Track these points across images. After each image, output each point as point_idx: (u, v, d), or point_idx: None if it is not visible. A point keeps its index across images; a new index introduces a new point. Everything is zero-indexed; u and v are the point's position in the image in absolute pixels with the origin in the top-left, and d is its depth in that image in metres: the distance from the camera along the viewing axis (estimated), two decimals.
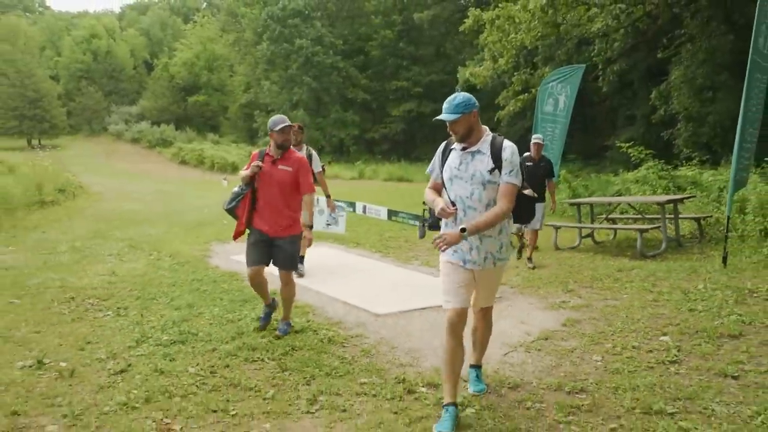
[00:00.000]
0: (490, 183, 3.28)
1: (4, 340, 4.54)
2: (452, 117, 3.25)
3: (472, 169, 3.31)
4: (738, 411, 3.25)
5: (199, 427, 3.17)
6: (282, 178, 4.70)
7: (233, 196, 4.78)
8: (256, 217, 4.77)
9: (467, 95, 3.32)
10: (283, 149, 4.72)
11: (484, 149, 3.32)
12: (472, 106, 3.28)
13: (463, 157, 3.36)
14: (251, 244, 4.76)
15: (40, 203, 13.85)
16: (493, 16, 15.32)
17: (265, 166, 4.70)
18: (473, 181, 3.30)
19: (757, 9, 6.67)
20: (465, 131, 3.30)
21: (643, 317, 5.16)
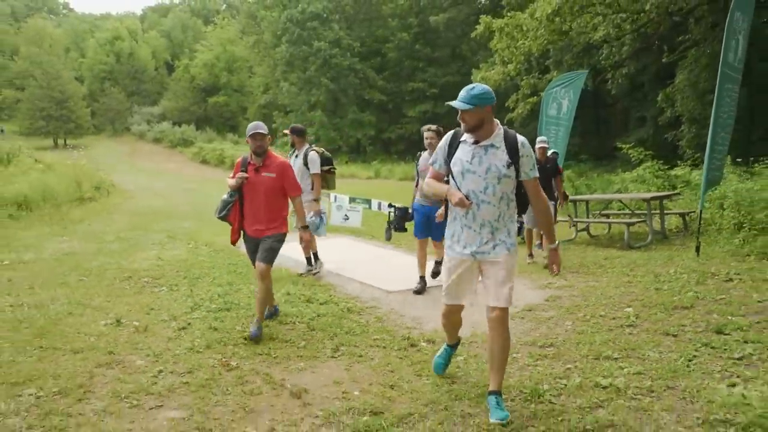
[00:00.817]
0: (506, 177, 3.28)
1: (84, 306, 5.57)
2: (466, 107, 3.21)
3: (487, 163, 3.28)
4: (667, 356, 4.16)
5: (250, 363, 4.15)
6: (266, 185, 4.81)
7: (223, 204, 4.90)
8: (245, 222, 4.94)
9: (486, 88, 3.28)
10: (259, 155, 4.81)
11: (497, 143, 3.29)
12: (488, 100, 3.23)
13: (476, 151, 3.31)
14: (249, 250, 5.02)
15: (80, 199, 14.99)
16: (502, 24, 16.17)
17: (250, 174, 4.81)
18: (488, 175, 3.27)
19: (726, 27, 7.50)
20: (475, 123, 3.26)
21: (615, 294, 6.07)
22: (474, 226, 3.37)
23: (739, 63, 7.95)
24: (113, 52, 69.48)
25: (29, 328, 4.81)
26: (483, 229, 3.35)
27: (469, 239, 3.38)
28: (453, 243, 3.49)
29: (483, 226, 3.35)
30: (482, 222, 3.34)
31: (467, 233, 3.40)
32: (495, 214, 3.33)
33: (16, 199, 11.72)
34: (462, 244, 3.41)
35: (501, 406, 3.31)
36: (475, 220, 3.35)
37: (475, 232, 3.37)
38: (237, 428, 3.17)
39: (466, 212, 3.35)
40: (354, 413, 3.38)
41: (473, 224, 3.37)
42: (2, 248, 8.38)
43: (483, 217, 3.33)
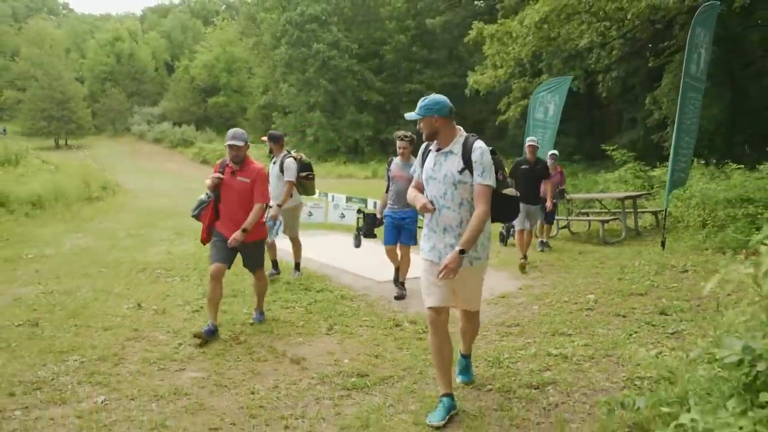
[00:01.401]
0: (461, 183, 3.38)
1: (107, 293, 6.27)
2: (414, 117, 3.46)
3: (444, 169, 3.41)
4: (613, 333, 4.86)
5: (256, 339, 4.85)
6: (240, 189, 4.94)
7: (199, 203, 5.08)
8: (218, 222, 5.04)
9: (438, 99, 3.42)
10: (237, 163, 4.98)
11: (455, 150, 3.41)
12: (434, 111, 3.37)
13: (437, 158, 3.47)
14: (214, 245, 5.02)
15: (89, 199, 15.67)
16: (492, 31, 16.87)
17: (226, 177, 4.97)
18: (445, 181, 3.40)
19: (688, 41, 8.20)
20: (428, 132, 3.44)
21: (582, 283, 6.77)
22: (438, 230, 3.48)
23: (702, 74, 8.65)
24: (114, 52, 69.92)
25: (62, 311, 5.51)
26: (446, 234, 3.44)
27: (436, 242, 3.49)
28: (423, 243, 3.61)
29: (446, 231, 3.44)
30: (445, 227, 3.45)
31: (434, 237, 3.51)
32: (456, 219, 3.42)
33: (30, 198, 12.39)
34: (430, 245, 3.53)
35: (469, 370, 3.90)
36: (438, 224, 3.47)
37: (439, 236, 3.46)
38: (247, 385, 3.87)
39: (431, 217, 3.49)
40: (343, 375, 4.08)
41: (437, 228, 3.48)
42: (25, 243, 9.06)
43: (444, 221, 3.44)
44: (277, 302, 6.06)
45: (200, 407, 3.50)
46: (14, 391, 3.62)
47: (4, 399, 3.51)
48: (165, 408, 3.47)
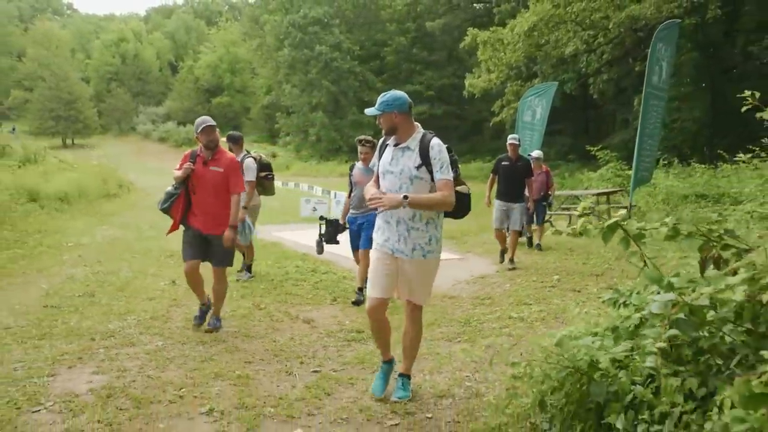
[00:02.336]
0: (417, 178, 3.45)
1: (144, 273, 7.37)
2: (373, 112, 3.54)
3: (401, 164, 3.48)
4: (566, 302, 5.94)
5: (274, 306, 5.94)
6: (213, 179, 4.82)
7: (167, 196, 4.93)
8: (190, 215, 4.94)
9: (397, 95, 3.52)
10: (210, 149, 4.84)
11: (412, 146, 3.48)
12: (393, 107, 3.46)
13: (395, 153, 3.54)
14: (186, 242, 4.98)
15: (107, 196, 16.79)
16: (485, 37, 17.95)
17: (197, 167, 4.82)
18: (402, 176, 3.47)
19: (649, 56, 9.28)
20: (387, 127, 3.53)
21: (551, 267, 7.87)
22: (392, 222, 3.53)
23: (663, 83, 9.72)
24: (119, 53, 71.06)
25: (111, 286, 6.61)
26: (399, 227, 3.49)
27: (389, 233, 3.55)
28: (376, 235, 3.66)
29: (399, 223, 3.50)
30: (398, 219, 3.50)
31: (386, 228, 3.57)
32: (409, 213, 3.46)
33: (57, 194, 13.49)
34: (383, 237, 3.57)
35: (406, 387, 3.68)
36: (392, 217, 3.51)
37: (393, 227, 3.52)
38: (270, 337, 4.96)
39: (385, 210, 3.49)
40: (345, 332, 5.17)
41: (391, 220, 3.54)
42: (61, 234, 10.15)
43: (397, 215, 3.49)
44: (289, 281, 7.14)
45: (236, 349, 4.59)
46: (94, 338, 4.71)
47: (88, 342, 4.60)
48: (209, 349, 4.57)
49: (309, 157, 43.24)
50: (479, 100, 31.34)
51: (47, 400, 3.51)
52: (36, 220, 11.05)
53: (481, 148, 36.36)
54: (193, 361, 4.31)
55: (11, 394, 3.56)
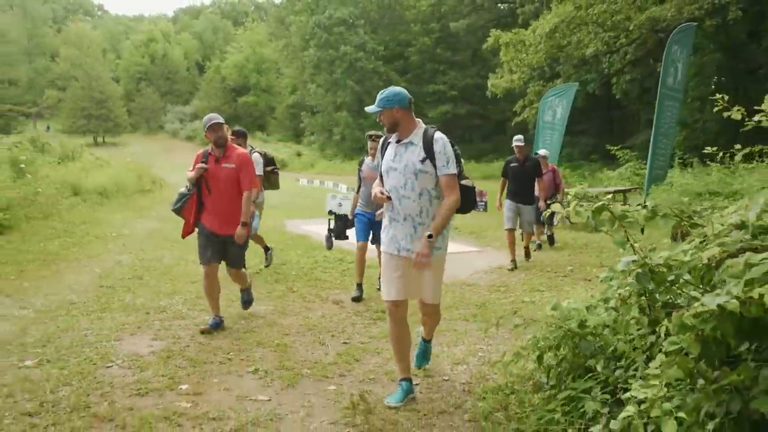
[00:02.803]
0: (422, 172, 3.44)
1: (185, 260, 7.99)
2: (374, 109, 3.51)
3: (405, 160, 3.47)
4: (576, 289, 6.37)
5: (306, 289, 6.48)
6: (226, 176, 4.74)
7: (179, 197, 4.86)
8: (205, 215, 4.84)
9: (397, 91, 3.50)
10: (220, 146, 4.75)
11: (416, 141, 3.48)
12: (394, 102, 3.44)
13: (398, 149, 3.53)
14: (203, 244, 4.87)
15: (142, 191, 17.54)
16: (507, 39, 18.33)
17: (210, 165, 4.74)
18: (406, 171, 3.45)
19: (664, 57, 9.62)
20: (389, 124, 3.51)
21: (564, 261, 8.29)
22: (399, 219, 3.52)
23: (678, 85, 10.05)
24: (148, 53, 72.67)
25: (156, 270, 7.22)
26: (406, 223, 3.49)
27: (396, 232, 3.53)
28: (383, 235, 3.66)
29: (406, 220, 3.49)
30: (405, 216, 3.49)
31: (394, 226, 3.56)
32: (416, 209, 3.47)
33: (97, 189, 14.23)
34: (389, 236, 3.56)
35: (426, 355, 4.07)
36: (399, 213, 3.51)
37: (399, 225, 3.52)
38: (303, 314, 5.50)
39: (392, 206, 3.53)
40: (371, 312, 5.68)
41: (398, 217, 3.53)
42: (104, 225, 10.83)
43: (405, 211, 3.49)
44: (318, 268, 7.68)
45: (274, 323, 5.14)
46: (148, 312, 5.31)
47: (143, 315, 5.19)
48: (250, 323, 5.12)
49: (333, 155, 43.87)
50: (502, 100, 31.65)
51: (117, 358, 4.09)
52: (80, 212, 11.76)
53: (504, 148, 36.58)
54: (237, 332, 4.86)
55: (86, 353, 4.16)
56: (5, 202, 9.05)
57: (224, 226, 4.81)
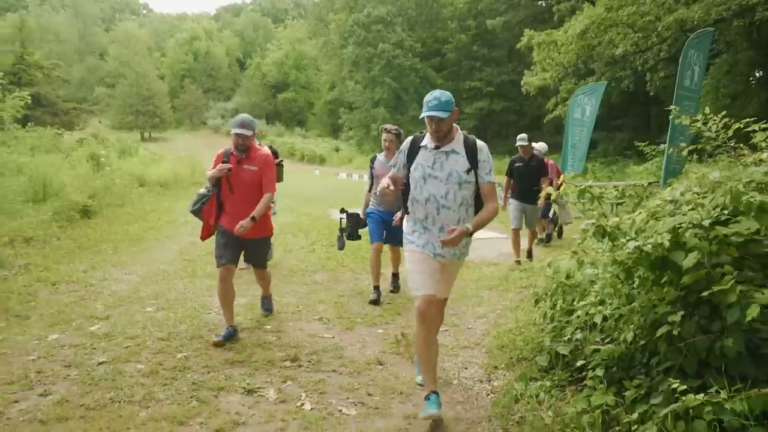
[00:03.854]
0: (466, 183, 3.36)
1: None
2: (444, 115, 3.27)
3: (448, 168, 3.35)
4: None
5: (354, 264, 7.59)
6: (248, 179, 4.56)
7: (198, 197, 4.66)
8: (224, 217, 4.64)
9: (447, 93, 3.35)
10: (242, 151, 4.57)
11: (458, 149, 3.38)
12: (454, 104, 3.33)
13: (437, 156, 3.38)
14: (221, 245, 4.61)
15: (195, 183, 18.95)
16: (540, 40, 19.14)
17: (231, 166, 4.55)
18: (449, 181, 3.34)
19: (681, 61, 10.41)
20: (448, 129, 3.36)
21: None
22: (434, 229, 3.42)
23: (695, 86, 10.82)
24: (191, 51, 74.91)
25: None
26: (441, 233, 3.38)
27: (428, 237, 3.43)
28: (414, 238, 3.50)
29: (441, 229, 3.39)
30: (441, 226, 3.40)
31: (428, 235, 3.45)
32: (454, 219, 3.39)
33: (159, 180, 15.65)
34: (422, 240, 3.45)
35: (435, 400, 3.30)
36: (435, 223, 3.41)
37: (434, 233, 3.42)
38: (352, 282, 6.62)
39: (426, 216, 3.41)
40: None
41: (433, 228, 3.43)
42: (171, 212, 12.16)
43: (443, 221, 3.39)
44: (362, 249, 8.77)
45: (330, 288, 6.30)
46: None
47: None
48: (311, 287, 6.29)
49: (370, 151, 44.96)
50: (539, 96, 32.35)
51: (213, 308, 5.28)
52: (148, 201, 13.14)
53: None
54: (301, 293, 6.03)
55: (189, 304, 5.38)
56: (91, 191, 10.40)
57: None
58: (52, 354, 4.08)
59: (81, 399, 3.38)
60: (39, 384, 3.59)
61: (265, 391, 3.63)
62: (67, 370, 3.80)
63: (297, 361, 4.12)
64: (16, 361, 3.95)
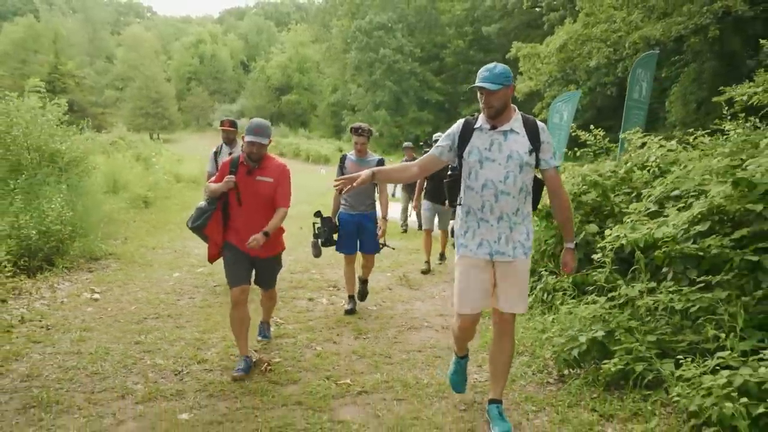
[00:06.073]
0: (527, 165, 3.06)
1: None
2: (494, 87, 2.98)
3: (507, 150, 3.05)
4: None
5: None
6: (260, 191, 4.06)
7: (199, 212, 4.11)
8: (231, 233, 4.14)
9: (507, 67, 3.06)
10: (254, 160, 4.04)
11: (517, 128, 3.08)
12: (511, 79, 3.05)
13: (494, 137, 3.08)
14: (231, 263, 4.13)
15: None
16: (525, 52, 21.48)
17: (240, 177, 4.04)
18: (509, 163, 3.04)
19: (629, 78, 12.68)
20: (501, 106, 3.04)
21: None
22: (491, 219, 3.11)
23: (644, 99, 13.10)
24: (197, 54, 76.98)
25: None
26: (501, 223, 3.10)
27: (486, 235, 3.13)
28: (466, 241, 3.21)
29: (501, 219, 3.10)
30: (500, 215, 3.09)
31: (484, 228, 3.14)
32: (514, 207, 3.09)
33: (190, 177, 17.95)
34: (477, 242, 3.15)
35: (503, 416, 3.30)
36: (493, 212, 3.10)
37: (492, 226, 3.11)
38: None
39: (482, 205, 3.11)
40: (444, 265, 9.05)
41: (490, 217, 3.11)
42: None
43: (501, 209, 3.09)
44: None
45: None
46: None
47: None
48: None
49: (372, 152, 47.17)
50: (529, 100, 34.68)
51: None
52: (187, 195, 15.45)
53: None
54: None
55: None
56: (148, 186, 12.73)
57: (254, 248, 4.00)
58: (182, 282, 6.42)
59: (215, 299, 5.72)
60: (184, 294, 5.93)
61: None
62: (197, 289, 6.13)
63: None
64: (163, 284, 6.30)
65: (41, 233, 6.54)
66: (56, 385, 3.76)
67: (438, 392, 3.77)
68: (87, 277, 6.65)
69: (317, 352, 4.56)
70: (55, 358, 4.22)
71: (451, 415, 3.47)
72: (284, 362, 4.31)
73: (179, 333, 4.89)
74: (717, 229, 4.03)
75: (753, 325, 3.42)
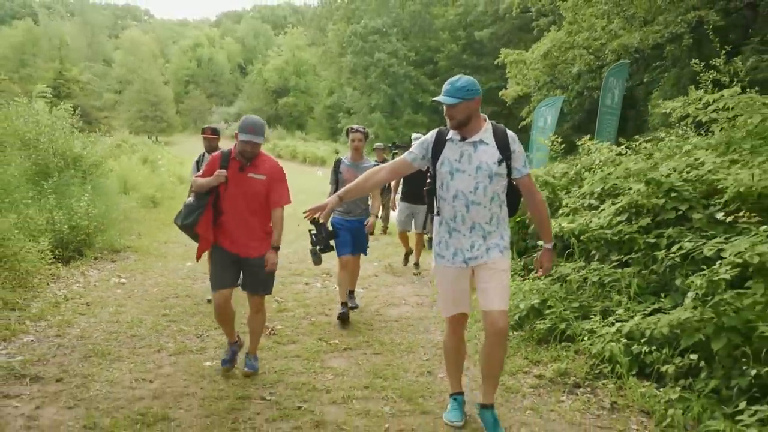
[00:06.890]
0: (497, 176, 3.10)
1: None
2: (452, 101, 3.04)
3: (477, 161, 3.11)
4: None
5: None
6: (251, 189, 3.94)
7: (187, 210, 3.97)
8: (219, 233, 4.01)
9: (471, 79, 3.13)
10: (247, 159, 3.93)
11: (486, 139, 3.13)
12: (475, 92, 3.09)
13: (464, 148, 3.14)
14: (216, 264, 4.08)
15: None
16: (512, 58, 22.50)
17: (231, 173, 3.92)
18: (478, 174, 3.10)
19: (602, 85, 13.71)
20: (463, 118, 3.08)
21: None
22: (463, 229, 3.16)
23: (616, 105, 14.13)
24: (195, 57, 77.86)
25: None
26: (473, 233, 3.15)
27: (458, 244, 3.18)
28: (441, 251, 3.26)
29: (473, 229, 3.15)
30: (472, 225, 3.15)
31: (456, 238, 3.20)
32: (486, 216, 3.14)
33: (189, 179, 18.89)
34: (451, 251, 3.21)
35: (498, 423, 3.28)
36: (465, 222, 3.15)
37: (464, 236, 3.16)
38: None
39: (454, 216, 3.15)
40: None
41: (462, 227, 3.16)
42: None
43: (473, 219, 3.13)
44: None
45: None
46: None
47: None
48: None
49: (368, 153, 47.74)
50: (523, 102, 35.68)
51: None
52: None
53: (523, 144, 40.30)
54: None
55: None
56: (155, 187, 13.69)
57: (242, 247, 4.01)
58: (194, 270, 7.39)
59: None
60: (198, 280, 6.91)
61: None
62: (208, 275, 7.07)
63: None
64: (178, 272, 7.28)
65: (71, 228, 7.51)
66: (105, 343, 4.75)
67: (408, 349, 4.77)
68: (111, 266, 7.63)
69: (312, 321, 5.56)
70: (99, 326, 5.20)
71: (416, 363, 4.47)
72: (285, 329, 5.29)
73: (197, 308, 5.88)
74: (633, 219, 5.02)
75: (649, 291, 4.43)
